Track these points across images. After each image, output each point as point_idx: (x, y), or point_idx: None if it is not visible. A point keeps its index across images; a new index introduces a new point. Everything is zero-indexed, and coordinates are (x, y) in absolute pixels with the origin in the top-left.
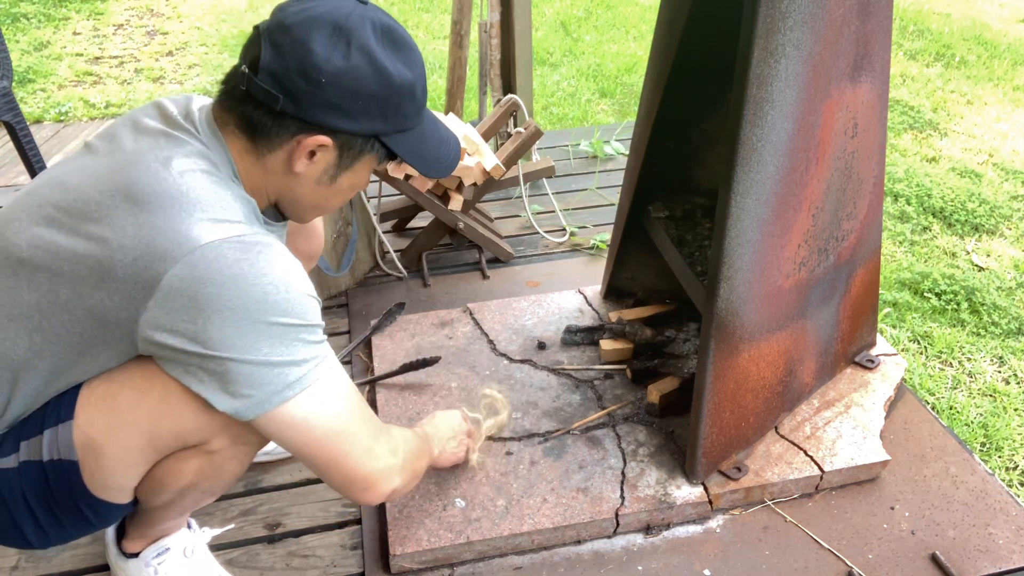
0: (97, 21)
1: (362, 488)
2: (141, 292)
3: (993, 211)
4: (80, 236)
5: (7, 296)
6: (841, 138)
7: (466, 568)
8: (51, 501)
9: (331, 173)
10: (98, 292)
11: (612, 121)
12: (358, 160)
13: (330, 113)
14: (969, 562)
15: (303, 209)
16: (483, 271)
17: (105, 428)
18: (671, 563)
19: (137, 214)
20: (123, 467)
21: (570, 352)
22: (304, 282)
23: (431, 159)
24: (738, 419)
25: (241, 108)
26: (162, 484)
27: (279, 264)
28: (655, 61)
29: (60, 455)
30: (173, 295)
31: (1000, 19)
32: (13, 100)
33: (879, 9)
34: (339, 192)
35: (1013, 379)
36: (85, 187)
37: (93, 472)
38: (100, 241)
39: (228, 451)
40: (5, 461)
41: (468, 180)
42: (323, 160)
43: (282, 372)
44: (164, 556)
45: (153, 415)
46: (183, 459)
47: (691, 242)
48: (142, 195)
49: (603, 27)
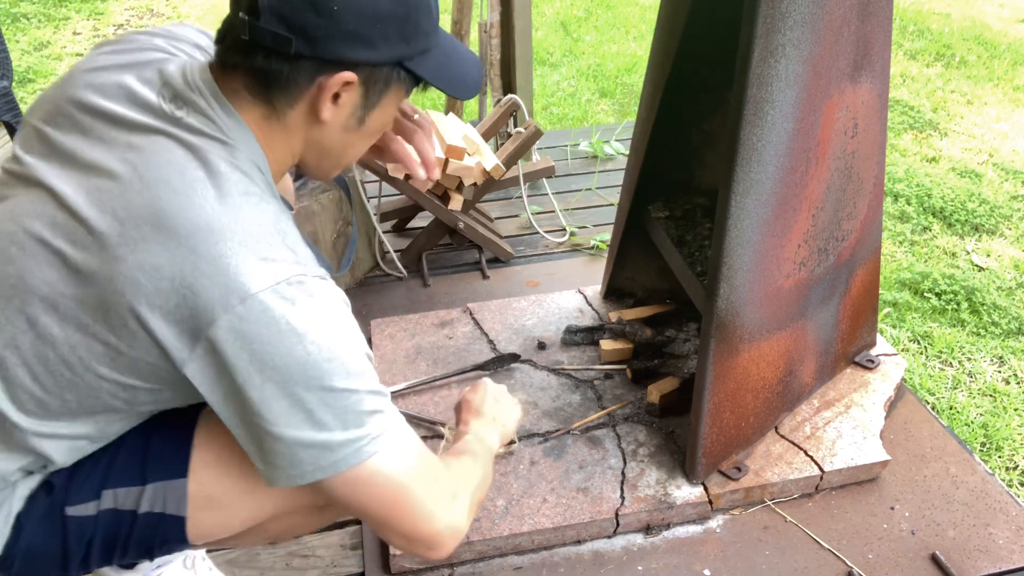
0: (97, 21)
1: (427, 547)
2: (188, 339)
3: (993, 211)
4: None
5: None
6: (841, 138)
7: (466, 568)
8: (120, 546)
9: (358, 115)
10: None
11: (612, 121)
12: (385, 94)
13: (349, 44)
14: (969, 562)
15: (329, 163)
16: (483, 271)
17: (240, 491)
18: (671, 563)
19: (173, 249)
20: (244, 524)
21: (570, 352)
22: (348, 344)
23: (458, 79)
24: (738, 419)
25: (248, 61)
26: (264, 531)
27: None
28: (655, 61)
29: (165, 509)
30: (217, 351)
31: (1000, 19)
32: (13, 100)
33: (879, 9)
34: (367, 135)
35: (1013, 379)
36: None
37: (207, 528)
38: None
39: (330, 515)
40: (81, 509)
41: (468, 180)
42: (349, 101)
43: (319, 452)
44: (163, 568)
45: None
46: (292, 516)
47: (691, 242)
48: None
49: (603, 27)
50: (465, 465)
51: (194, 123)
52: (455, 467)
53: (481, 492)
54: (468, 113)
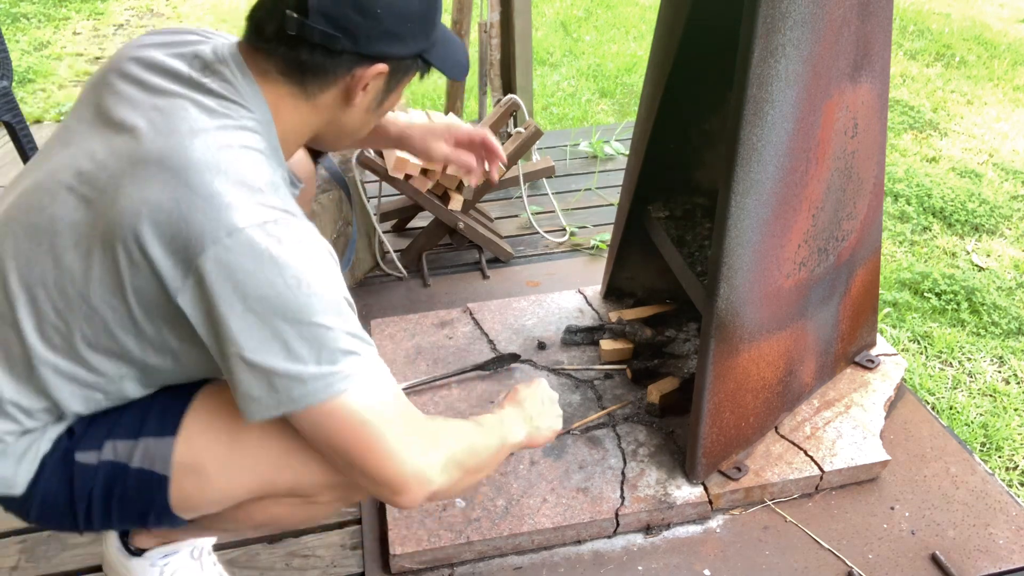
0: (97, 21)
1: (393, 492)
2: (184, 274)
3: (993, 211)
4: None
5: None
6: (841, 138)
7: (466, 568)
8: (117, 502)
9: (380, 99)
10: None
11: (612, 121)
12: (403, 81)
13: (386, 42)
14: (969, 562)
15: (343, 138)
16: (483, 271)
17: (222, 461)
18: (671, 563)
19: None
20: (223, 498)
21: (570, 352)
22: (328, 284)
23: (457, 64)
24: (738, 419)
25: (292, 53)
26: (249, 516)
27: (310, 259)
28: (655, 61)
29: (152, 467)
30: (204, 280)
31: (1000, 19)
32: (13, 100)
33: (879, 9)
34: (380, 115)
35: (1013, 379)
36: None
37: (188, 494)
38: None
39: (327, 505)
40: (86, 456)
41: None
42: (375, 87)
43: (291, 383)
44: (171, 557)
45: (275, 464)
46: (282, 504)
47: (691, 242)
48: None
49: (603, 27)
50: (460, 428)
51: (215, 87)
52: (445, 426)
53: (474, 460)
54: (468, 113)
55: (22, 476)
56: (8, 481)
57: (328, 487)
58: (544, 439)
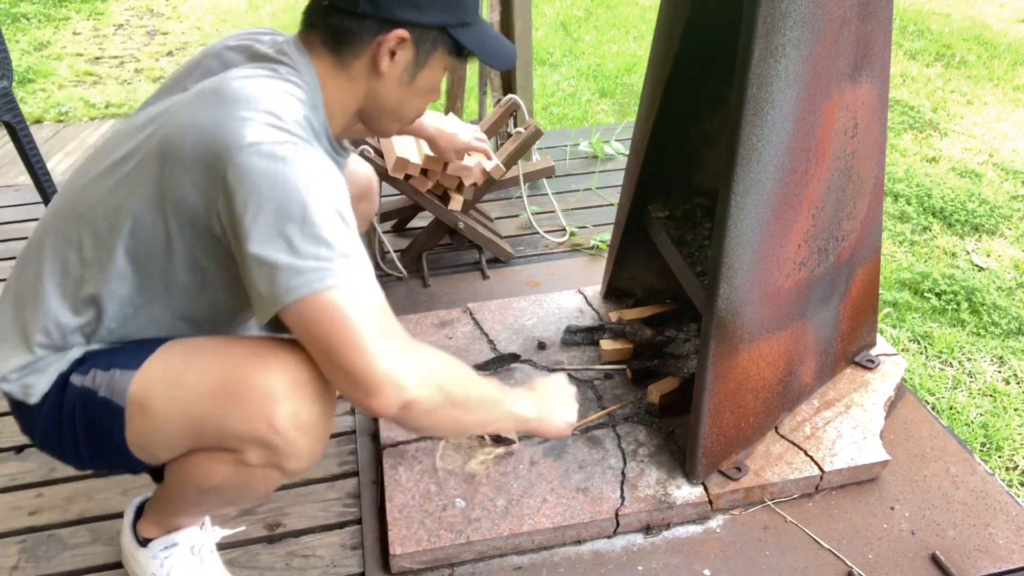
0: (97, 21)
1: (365, 392)
2: (212, 180)
3: (993, 211)
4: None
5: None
6: (841, 138)
7: (466, 568)
8: (92, 430)
9: (410, 71)
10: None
11: (612, 121)
12: (432, 56)
13: (403, 7)
14: (969, 562)
15: (386, 115)
16: (483, 271)
17: (164, 398)
18: (671, 563)
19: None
20: (163, 440)
21: (570, 352)
22: (333, 197)
23: (494, 51)
24: (738, 419)
25: (324, 20)
26: (191, 476)
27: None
28: (655, 61)
29: (112, 397)
30: (231, 187)
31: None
32: (13, 100)
33: (879, 9)
34: (417, 93)
35: (1013, 379)
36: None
37: (137, 430)
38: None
39: (260, 470)
40: (78, 379)
41: (468, 180)
42: (403, 59)
43: (302, 270)
44: (171, 551)
45: (206, 406)
46: (215, 460)
47: (691, 242)
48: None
49: (603, 27)
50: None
51: (272, 56)
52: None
53: (460, 391)
54: (468, 113)
55: (40, 387)
56: (28, 389)
57: (253, 442)
58: (556, 429)
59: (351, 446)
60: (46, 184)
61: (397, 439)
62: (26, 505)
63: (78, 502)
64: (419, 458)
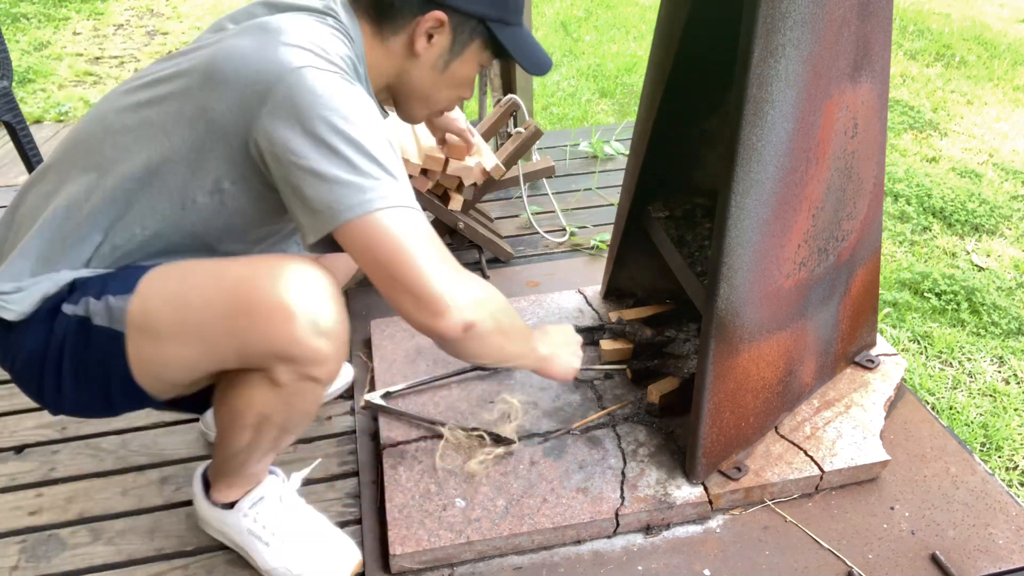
0: (97, 21)
1: (433, 312)
2: (255, 100)
3: (993, 211)
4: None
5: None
6: (841, 138)
7: (466, 568)
8: (82, 364)
9: (445, 58)
10: (212, 95)
11: (612, 121)
12: (468, 47)
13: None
14: (969, 562)
15: (415, 98)
16: (483, 271)
17: (172, 323)
18: (671, 563)
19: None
20: (178, 367)
21: None
22: (382, 126)
23: (530, 56)
24: (738, 419)
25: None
26: (238, 413)
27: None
28: (655, 61)
29: (110, 324)
30: (279, 107)
31: (1000, 19)
32: (13, 100)
33: (879, 9)
34: (449, 82)
35: (1013, 379)
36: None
37: (143, 356)
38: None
39: (294, 386)
40: (69, 307)
41: (468, 180)
42: (439, 44)
43: (361, 188)
44: (259, 505)
45: (222, 327)
46: (252, 386)
47: (691, 242)
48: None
49: (603, 27)
50: (492, 287)
51: (322, 9)
52: (479, 279)
53: (507, 321)
54: (468, 113)
55: (22, 305)
56: (8, 304)
57: (278, 360)
58: (560, 371)
59: (351, 446)
60: None
61: (397, 439)
62: (26, 505)
63: (78, 502)
64: (419, 458)
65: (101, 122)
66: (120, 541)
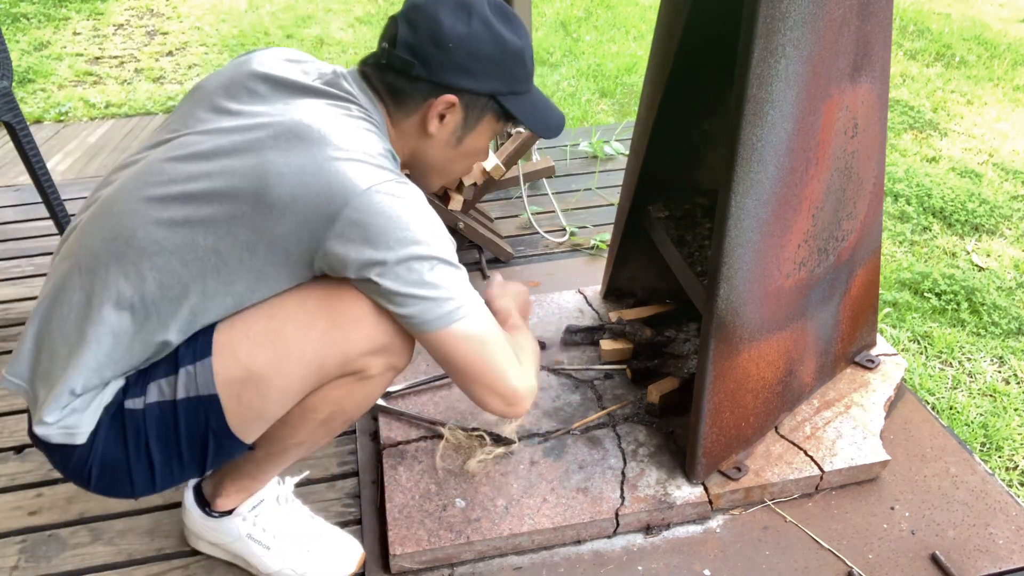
0: (97, 21)
1: (508, 403)
2: (322, 222)
3: (993, 211)
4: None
5: (184, 239)
6: (841, 138)
7: (466, 568)
8: (174, 443)
9: (458, 134)
10: (279, 227)
11: (612, 121)
12: (480, 120)
13: (456, 74)
14: (969, 562)
15: (432, 172)
16: (483, 271)
17: (271, 361)
18: (671, 563)
19: (313, 153)
20: (285, 397)
21: (570, 352)
22: (440, 224)
23: (543, 122)
24: (738, 419)
25: (382, 77)
26: (314, 412)
27: (426, 211)
28: (655, 61)
29: (198, 392)
30: (350, 229)
31: (1000, 19)
32: (13, 100)
33: (879, 9)
34: (464, 155)
35: (1013, 379)
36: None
37: (247, 406)
38: (278, 176)
39: (380, 377)
40: (135, 402)
41: (468, 180)
42: (451, 121)
43: (441, 302)
44: (259, 508)
45: (321, 346)
46: (339, 387)
47: (691, 242)
48: (314, 136)
49: (603, 27)
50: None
51: (338, 92)
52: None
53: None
54: None
55: (85, 426)
56: (71, 431)
57: (374, 353)
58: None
59: (351, 446)
60: (46, 184)
61: (397, 439)
62: (26, 505)
63: (78, 502)
64: (419, 458)
65: (127, 236)
66: (120, 541)
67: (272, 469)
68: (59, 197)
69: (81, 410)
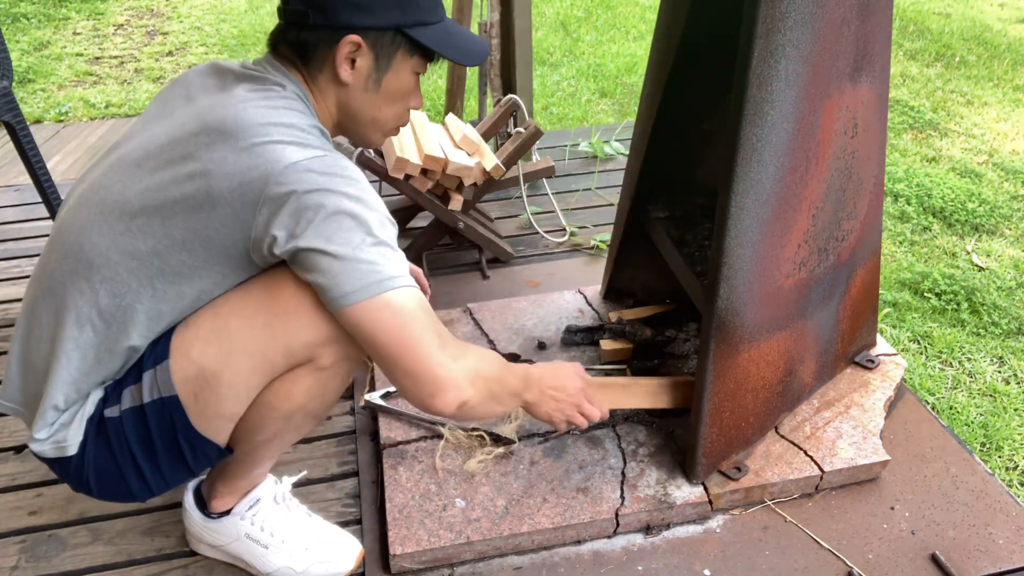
0: (97, 21)
1: (429, 393)
2: (248, 210)
3: (993, 211)
4: (184, 177)
5: (125, 246)
6: (841, 138)
7: (466, 568)
8: (152, 446)
9: (374, 77)
10: (211, 222)
11: (612, 121)
12: (393, 58)
13: (351, 12)
14: (969, 562)
15: (363, 125)
16: (483, 271)
17: (218, 356)
18: (671, 563)
19: (233, 144)
20: (236, 393)
21: (570, 352)
22: (379, 203)
23: (458, 48)
24: (738, 419)
25: (286, 37)
26: (271, 409)
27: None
28: (655, 61)
29: (160, 393)
30: (272, 206)
31: (1000, 19)
32: (13, 100)
33: (879, 9)
34: (389, 99)
35: (1013, 379)
36: (175, 134)
37: (205, 403)
38: (203, 175)
39: (334, 368)
40: (113, 410)
41: (468, 180)
42: (363, 65)
43: (368, 271)
44: (257, 507)
45: (263, 337)
46: (291, 381)
47: (691, 242)
48: (233, 128)
49: (603, 27)
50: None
51: (255, 74)
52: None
53: (498, 388)
54: (468, 113)
55: (73, 438)
56: (62, 445)
57: (321, 343)
58: (543, 415)
59: (351, 446)
60: (46, 184)
61: (397, 439)
62: (26, 505)
63: (78, 502)
64: (419, 458)
65: (76, 252)
66: (120, 541)
67: (253, 468)
68: (59, 197)
69: (68, 424)
